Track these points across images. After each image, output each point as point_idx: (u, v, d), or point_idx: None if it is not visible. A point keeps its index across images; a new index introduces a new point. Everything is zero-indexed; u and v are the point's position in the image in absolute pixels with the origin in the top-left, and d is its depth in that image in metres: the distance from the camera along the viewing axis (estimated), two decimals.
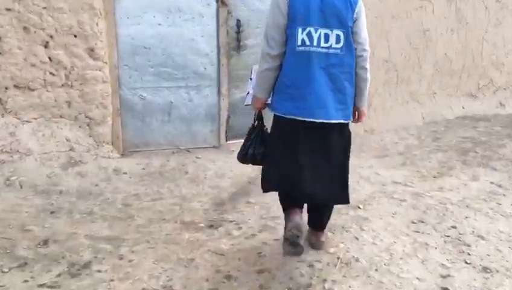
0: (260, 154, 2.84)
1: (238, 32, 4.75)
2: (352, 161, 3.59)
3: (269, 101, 2.76)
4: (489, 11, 5.52)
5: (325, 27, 2.55)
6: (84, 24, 3.98)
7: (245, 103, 3.05)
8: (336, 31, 2.56)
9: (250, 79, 3.02)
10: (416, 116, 5.40)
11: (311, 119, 2.60)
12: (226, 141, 4.88)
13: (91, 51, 4.05)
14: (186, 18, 4.50)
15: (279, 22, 2.59)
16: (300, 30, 2.55)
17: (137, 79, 4.47)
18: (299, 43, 2.56)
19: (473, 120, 5.56)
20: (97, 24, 4.04)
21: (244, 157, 2.92)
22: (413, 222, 3.35)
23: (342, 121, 2.68)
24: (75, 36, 3.99)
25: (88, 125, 4.14)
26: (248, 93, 3.00)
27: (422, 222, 3.36)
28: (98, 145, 4.18)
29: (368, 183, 4.01)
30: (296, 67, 2.60)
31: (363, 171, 4.26)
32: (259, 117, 2.91)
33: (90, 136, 4.15)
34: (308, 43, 2.56)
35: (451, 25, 5.39)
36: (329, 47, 2.57)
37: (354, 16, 2.62)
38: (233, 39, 4.74)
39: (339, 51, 2.58)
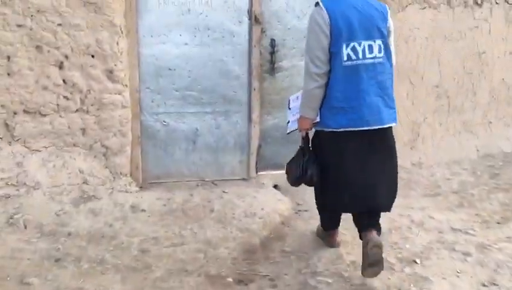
0: (316, 175, 2.86)
1: (272, 53, 4.28)
2: (401, 201, 3.46)
3: (317, 120, 2.78)
4: None
5: (367, 39, 2.68)
6: (103, 43, 3.58)
7: (287, 132, 3.13)
8: (378, 41, 2.72)
9: (289, 108, 3.06)
10: (469, 148, 4.81)
11: (367, 128, 2.70)
12: (256, 172, 4.39)
13: (110, 72, 3.64)
14: (215, 37, 4.07)
15: (323, 42, 2.67)
16: (344, 46, 2.65)
17: (160, 103, 4.04)
18: (345, 58, 2.66)
19: None
20: (117, 43, 3.63)
21: (300, 179, 2.95)
22: (484, 285, 2.78)
23: (393, 124, 2.82)
24: (93, 56, 3.59)
25: (104, 155, 3.71)
26: (289, 122, 3.07)
27: (495, 284, 2.78)
28: (114, 178, 3.73)
29: (423, 230, 3.44)
30: (345, 82, 2.68)
31: (414, 213, 3.70)
32: (307, 138, 2.94)
33: (106, 167, 3.72)
34: (354, 57, 2.67)
35: (510, 47, 4.83)
36: (374, 57, 2.71)
37: (388, 25, 2.80)
38: (267, 61, 4.28)
39: (381, 59, 2.73)
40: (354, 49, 2.67)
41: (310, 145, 2.94)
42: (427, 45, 4.49)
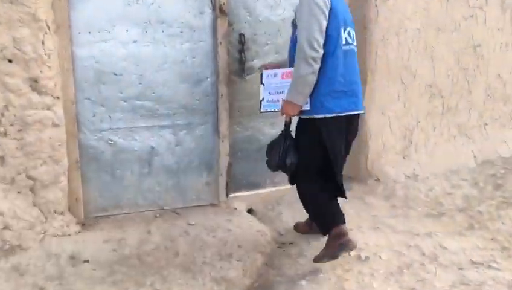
0: (295, 164, 2.80)
1: (241, 51, 3.53)
2: (402, 224, 3.33)
3: (306, 107, 2.68)
4: None
5: (351, 26, 2.77)
6: (23, 43, 2.70)
7: (261, 110, 2.95)
8: (353, 29, 2.79)
9: (263, 84, 2.92)
10: (466, 154, 4.25)
11: (356, 112, 2.79)
12: (227, 196, 3.64)
13: (34, 81, 2.76)
14: (171, 32, 3.27)
15: (322, 23, 2.58)
16: (342, 29, 2.66)
17: (104, 117, 3.20)
18: (344, 42, 2.67)
19: None
20: (43, 42, 2.76)
21: (279, 167, 2.86)
22: None
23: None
24: (10, 61, 2.70)
25: (31, 189, 2.83)
26: (263, 100, 2.92)
27: None
28: (46, 218, 2.87)
29: (439, 266, 2.81)
30: (344, 66, 2.67)
31: (422, 242, 3.06)
32: (289, 124, 2.85)
33: (34, 205, 2.85)
34: (350, 41, 2.72)
35: (506, 38, 4.30)
36: (355, 44, 2.79)
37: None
38: (235, 60, 3.53)
39: (356, 48, 2.81)
40: (348, 33, 2.72)
41: (290, 131, 2.86)
42: (419, 37, 3.87)
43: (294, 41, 2.76)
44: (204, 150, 3.52)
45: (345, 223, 2.83)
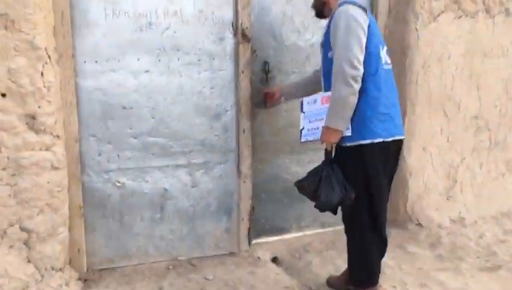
0: (349, 197, 2.40)
1: (265, 81, 3.16)
2: (453, 278, 2.93)
3: (348, 133, 2.38)
4: None
5: (385, 44, 2.50)
6: (19, 74, 2.35)
7: (302, 140, 2.65)
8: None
9: (303, 112, 2.63)
10: None
11: (401, 137, 2.50)
12: (249, 243, 3.22)
13: (32, 118, 2.40)
14: (188, 61, 2.90)
15: (362, 40, 2.30)
16: (380, 47, 2.41)
17: (111, 157, 2.83)
18: (383, 61, 2.42)
19: None
20: (42, 74, 2.40)
21: (342, 203, 2.41)
22: None
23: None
24: (3, 95, 2.35)
25: (25, 243, 2.45)
26: (303, 129, 2.62)
27: None
28: (43, 276, 2.47)
29: None
30: (386, 86, 2.41)
31: None
32: (331, 153, 2.46)
33: (29, 261, 2.45)
34: (388, 60, 2.48)
35: None
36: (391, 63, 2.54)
37: None
38: (259, 91, 3.15)
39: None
40: (386, 52, 2.47)
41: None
42: (463, 64, 3.46)
43: (325, 63, 2.47)
44: (223, 192, 3.11)
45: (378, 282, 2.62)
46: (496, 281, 2.88)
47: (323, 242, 3.40)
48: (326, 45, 2.43)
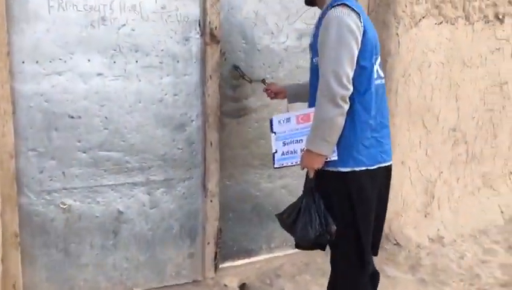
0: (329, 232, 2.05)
1: (235, 87, 2.82)
2: None
3: (334, 157, 2.04)
4: None
5: (379, 54, 2.15)
6: None
7: (275, 166, 2.28)
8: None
9: (274, 132, 2.28)
10: (492, 210, 3.63)
11: (387, 164, 2.16)
12: (216, 269, 2.87)
13: None
14: (148, 63, 2.51)
15: (354, 53, 1.96)
16: (374, 60, 2.06)
17: (55, 174, 2.39)
18: (375, 75, 2.07)
19: None
20: None
21: (319, 239, 2.06)
22: None
23: None
24: None
25: None
26: (276, 152, 2.26)
27: None
28: None
29: None
30: (376, 105, 2.07)
31: None
32: (313, 181, 2.10)
33: None
34: (381, 74, 2.14)
35: None
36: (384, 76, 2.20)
37: None
38: (229, 98, 2.81)
39: None
40: (379, 64, 2.12)
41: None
42: (443, 73, 3.26)
43: (312, 70, 2.14)
44: (187, 213, 2.74)
45: None
46: None
47: (296, 265, 3.10)
48: (314, 48, 2.09)
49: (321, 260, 3.17)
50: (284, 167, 2.23)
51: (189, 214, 2.75)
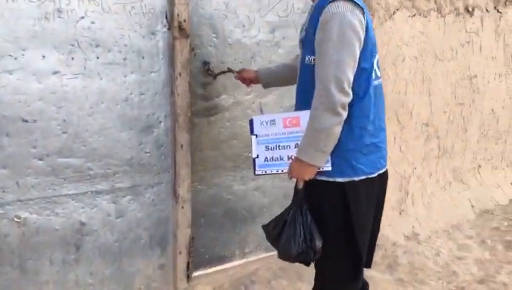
0: (314, 249, 1.89)
1: (205, 84, 2.63)
2: None
3: (327, 167, 1.87)
4: None
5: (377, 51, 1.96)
6: None
7: (257, 173, 2.04)
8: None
9: (255, 135, 2.02)
10: (463, 204, 3.62)
11: (385, 169, 2.03)
12: (188, 279, 2.69)
13: None
14: (110, 60, 2.28)
15: (356, 54, 1.78)
16: (373, 59, 1.89)
17: (8, 185, 2.12)
18: (374, 76, 1.90)
19: None
20: None
21: (302, 255, 1.91)
22: None
23: None
24: None
25: None
26: (257, 157, 2.02)
27: None
28: None
29: None
30: (374, 108, 1.90)
31: None
32: (302, 193, 1.93)
33: None
34: (379, 73, 1.95)
35: (499, 69, 3.77)
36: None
37: None
38: (199, 97, 2.62)
39: None
40: (377, 63, 1.95)
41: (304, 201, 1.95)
42: (416, 67, 3.19)
43: (302, 69, 1.94)
44: (156, 222, 2.54)
45: None
46: None
47: (271, 269, 2.97)
48: (306, 45, 1.88)
49: (297, 264, 3.05)
50: (266, 174, 2.04)
51: (159, 222, 2.55)
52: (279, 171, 1.98)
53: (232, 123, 2.76)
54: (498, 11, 3.62)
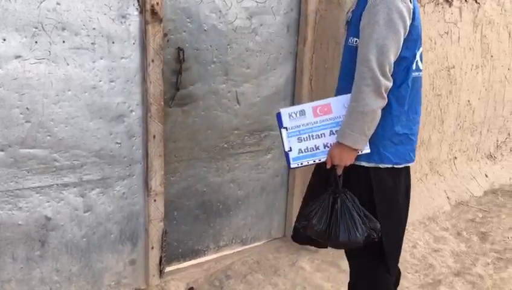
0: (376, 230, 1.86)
1: (179, 72, 2.51)
2: None
3: (367, 150, 1.86)
4: None
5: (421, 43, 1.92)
6: None
7: (291, 166, 1.97)
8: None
9: (285, 128, 1.95)
10: (439, 196, 3.61)
11: (413, 163, 1.99)
12: (161, 275, 2.59)
13: None
14: (77, 44, 2.13)
15: (401, 39, 1.77)
16: (416, 49, 1.86)
17: None
18: (414, 67, 1.87)
19: (505, 195, 3.95)
20: None
21: (368, 237, 1.85)
22: None
23: None
24: None
25: None
26: (290, 150, 1.95)
27: None
28: None
29: None
30: (412, 101, 1.91)
31: None
32: (340, 179, 1.89)
33: None
34: (420, 66, 1.92)
35: (476, 60, 3.75)
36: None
37: None
38: (172, 85, 2.50)
39: None
40: (421, 56, 1.92)
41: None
42: None
43: (346, 51, 1.93)
44: (127, 215, 2.42)
45: None
46: None
47: (246, 263, 2.89)
48: (352, 26, 1.86)
49: (272, 257, 2.98)
50: (303, 166, 1.97)
51: (130, 216, 2.44)
52: (316, 161, 1.94)
53: (207, 113, 2.65)
54: (476, 1, 3.60)
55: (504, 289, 2.75)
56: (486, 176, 4.02)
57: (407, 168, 1.99)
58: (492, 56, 3.86)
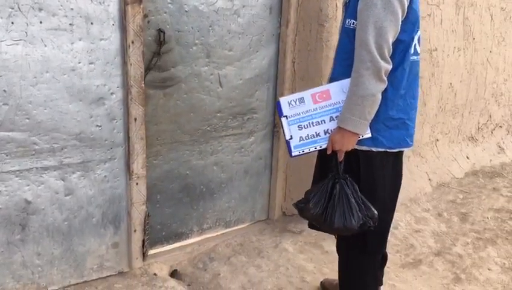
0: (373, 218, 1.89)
1: (158, 54, 2.48)
2: None
3: (368, 135, 1.87)
4: (494, 22, 4.03)
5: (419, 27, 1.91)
6: None
7: (293, 154, 1.99)
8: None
9: (285, 116, 1.95)
10: (421, 177, 3.65)
11: (407, 149, 2.02)
12: (144, 258, 2.59)
13: None
14: (55, 25, 2.09)
15: (398, 24, 1.76)
16: (415, 33, 1.86)
17: None
18: (412, 51, 1.87)
19: (485, 177, 4.02)
20: None
21: (363, 225, 1.87)
22: None
23: None
24: None
25: None
26: (291, 138, 1.96)
27: None
28: None
29: None
30: (408, 85, 1.90)
31: None
32: (341, 165, 1.91)
33: None
34: (418, 49, 1.92)
35: (459, 42, 3.76)
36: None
37: None
38: (151, 67, 2.46)
39: None
40: (418, 39, 1.91)
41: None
42: None
43: (342, 33, 1.92)
44: (109, 199, 2.41)
45: None
46: (419, 279, 2.66)
47: (230, 246, 2.91)
48: (350, 9, 1.84)
49: (256, 239, 3.00)
50: (304, 153, 1.97)
51: (112, 200, 2.42)
52: (317, 148, 1.94)
53: (190, 95, 2.63)
54: None
55: (483, 267, 2.81)
56: (467, 157, 4.08)
57: (401, 153, 2.00)
58: (474, 38, 3.89)
